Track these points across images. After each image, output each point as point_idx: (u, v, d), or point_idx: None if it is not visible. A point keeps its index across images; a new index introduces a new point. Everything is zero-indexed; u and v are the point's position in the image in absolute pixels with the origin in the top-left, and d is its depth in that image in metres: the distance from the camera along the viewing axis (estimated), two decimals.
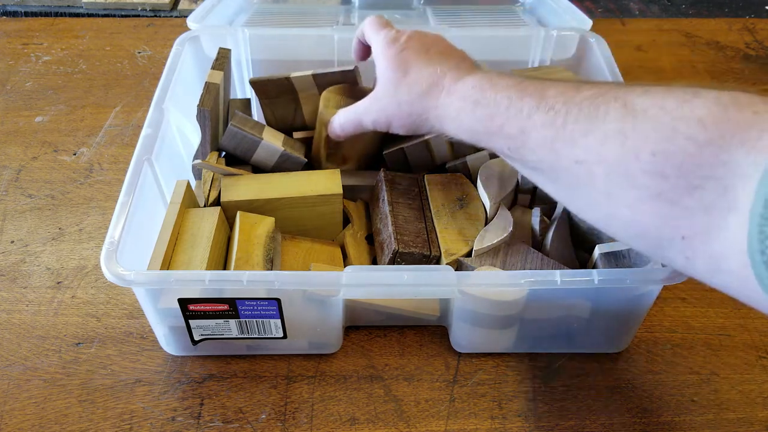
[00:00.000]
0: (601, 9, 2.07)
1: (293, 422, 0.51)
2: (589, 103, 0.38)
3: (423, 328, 0.57)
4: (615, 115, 0.36)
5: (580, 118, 0.38)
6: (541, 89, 0.42)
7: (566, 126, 0.39)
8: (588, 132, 0.37)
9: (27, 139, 0.77)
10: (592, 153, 0.37)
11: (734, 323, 0.59)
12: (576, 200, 0.42)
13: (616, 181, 0.36)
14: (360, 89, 0.63)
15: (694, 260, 0.35)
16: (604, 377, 0.54)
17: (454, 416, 0.51)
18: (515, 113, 0.42)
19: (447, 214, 0.56)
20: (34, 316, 0.58)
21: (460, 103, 0.46)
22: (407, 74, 0.50)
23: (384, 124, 0.52)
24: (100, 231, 0.66)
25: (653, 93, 0.36)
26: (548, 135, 0.40)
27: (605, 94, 0.38)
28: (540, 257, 0.53)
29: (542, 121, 0.40)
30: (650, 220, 0.36)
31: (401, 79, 0.50)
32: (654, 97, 0.36)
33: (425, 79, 0.49)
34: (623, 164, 0.35)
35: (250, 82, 0.64)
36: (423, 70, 0.49)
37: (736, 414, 0.52)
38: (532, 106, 0.41)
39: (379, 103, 0.52)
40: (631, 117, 0.36)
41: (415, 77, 0.49)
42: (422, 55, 0.50)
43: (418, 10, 0.82)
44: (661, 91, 0.36)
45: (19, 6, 1.78)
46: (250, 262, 0.51)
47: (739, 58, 0.93)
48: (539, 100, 0.41)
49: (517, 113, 0.42)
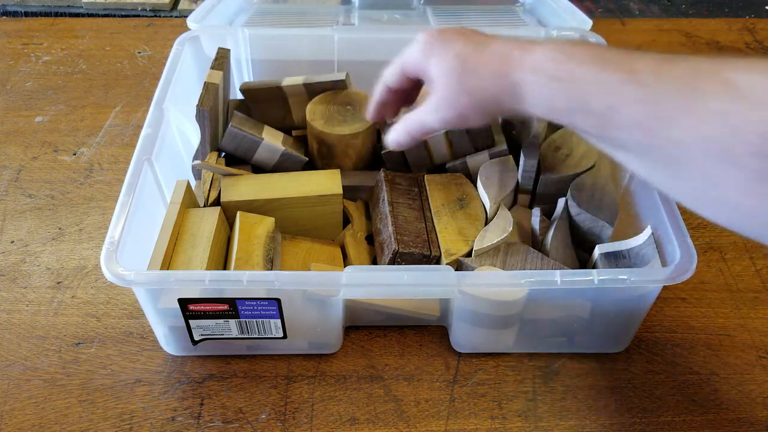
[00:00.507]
0: (601, 9, 2.07)
1: (293, 422, 0.51)
2: (685, 79, 0.36)
3: (423, 328, 0.57)
4: (716, 93, 0.34)
5: (677, 95, 0.36)
6: (627, 61, 0.39)
7: (660, 102, 0.36)
8: (687, 110, 0.35)
9: (27, 139, 0.77)
10: (692, 132, 0.35)
11: (734, 323, 0.59)
12: (671, 181, 0.39)
13: (719, 163, 0.35)
14: (346, 93, 0.63)
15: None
16: (604, 377, 0.54)
17: (454, 416, 0.51)
18: (601, 88, 0.39)
19: (447, 214, 0.56)
20: (34, 316, 0.58)
21: (535, 78, 0.42)
22: (466, 61, 0.46)
23: (456, 119, 0.47)
24: (100, 231, 0.66)
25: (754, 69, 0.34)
26: (641, 112, 0.37)
27: (701, 70, 0.36)
28: (540, 257, 0.53)
29: (633, 96, 0.37)
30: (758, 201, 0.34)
31: (462, 67, 0.45)
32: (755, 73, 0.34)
33: (490, 60, 0.45)
34: (727, 145, 0.34)
35: (241, 89, 0.64)
36: (483, 53, 0.45)
37: (736, 414, 0.52)
38: (621, 79, 0.38)
39: (446, 101, 0.47)
40: (734, 96, 0.34)
41: (477, 61, 0.45)
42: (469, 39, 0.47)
43: (418, 10, 0.82)
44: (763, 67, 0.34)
45: (19, 6, 1.78)
46: (250, 262, 0.51)
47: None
48: (627, 74, 0.38)
49: (603, 88, 0.39)
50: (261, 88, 0.63)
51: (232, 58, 0.66)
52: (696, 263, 0.47)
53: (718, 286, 0.61)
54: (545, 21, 0.78)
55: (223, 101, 0.63)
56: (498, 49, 0.45)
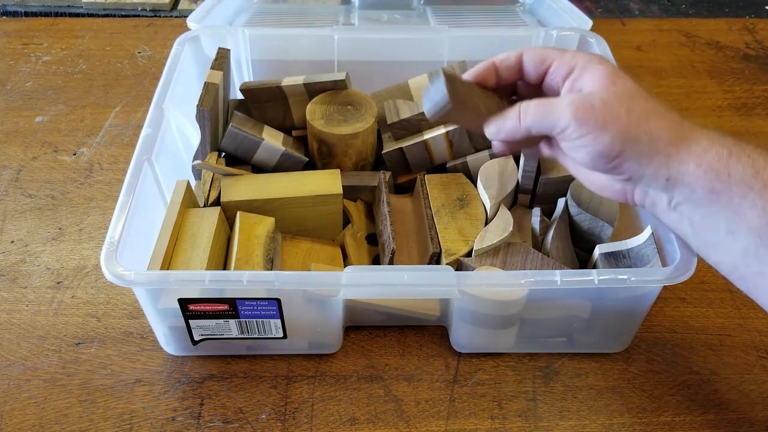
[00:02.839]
0: (601, 9, 2.07)
1: (293, 422, 0.51)
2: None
3: (423, 328, 0.57)
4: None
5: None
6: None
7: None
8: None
9: (27, 139, 0.77)
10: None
11: (734, 323, 0.59)
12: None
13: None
14: (346, 93, 0.63)
15: None
16: (604, 377, 0.54)
17: (454, 416, 0.51)
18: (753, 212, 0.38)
19: (447, 214, 0.56)
20: (34, 316, 0.58)
21: (709, 140, 0.40)
22: (635, 101, 0.41)
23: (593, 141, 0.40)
24: (100, 231, 0.66)
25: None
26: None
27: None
28: (540, 257, 0.53)
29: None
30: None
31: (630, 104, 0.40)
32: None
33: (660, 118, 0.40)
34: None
35: (241, 89, 0.64)
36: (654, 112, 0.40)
37: (736, 414, 0.52)
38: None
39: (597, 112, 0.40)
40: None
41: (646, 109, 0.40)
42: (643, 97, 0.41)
43: (418, 10, 0.82)
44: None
45: (19, 6, 1.78)
46: (250, 262, 0.51)
47: (739, 58, 0.93)
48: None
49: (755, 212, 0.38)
50: (261, 87, 0.63)
51: (232, 58, 0.66)
52: (696, 263, 0.47)
53: (718, 286, 0.61)
54: (545, 21, 0.78)
55: (223, 101, 0.63)
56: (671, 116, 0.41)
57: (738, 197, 0.39)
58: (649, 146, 0.40)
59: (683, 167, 0.40)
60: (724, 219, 0.40)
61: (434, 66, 0.67)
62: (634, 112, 0.40)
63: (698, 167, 0.39)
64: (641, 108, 0.40)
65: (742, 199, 0.38)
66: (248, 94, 0.64)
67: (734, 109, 0.84)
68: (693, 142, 0.40)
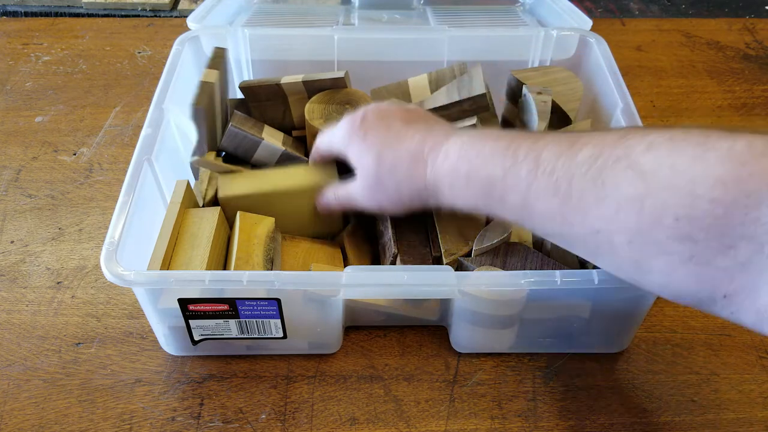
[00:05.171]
0: (601, 9, 2.07)
1: (293, 422, 0.51)
2: (590, 166, 0.36)
3: (423, 328, 0.57)
4: (624, 180, 0.34)
5: (587, 185, 0.36)
6: (534, 150, 0.38)
7: (572, 194, 0.36)
8: (599, 200, 0.35)
9: (27, 139, 0.77)
10: (609, 222, 0.35)
11: (734, 323, 0.58)
12: (600, 264, 0.40)
13: (641, 249, 0.34)
14: (345, 92, 0.63)
15: (739, 314, 0.34)
16: (604, 377, 0.54)
17: (454, 416, 0.51)
18: (513, 183, 0.39)
19: (447, 214, 0.56)
20: (34, 316, 0.58)
21: (449, 179, 0.43)
22: (381, 157, 0.46)
23: (376, 207, 0.50)
24: (100, 231, 0.66)
25: (657, 148, 0.34)
26: (554, 205, 0.37)
27: (605, 154, 0.35)
28: (540, 257, 0.53)
29: (545, 190, 0.37)
30: (686, 282, 0.34)
31: (378, 165, 0.46)
32: (659, 153, 0.33)
33: (404, 158, 0.45)
34: (646, 231, 0.34)
35: (240, 87, 0.64)
36: (398, 148, 0.46)
37: (736, 414, 0.52)
38: (530, 172, 0.38)
39: (366, 191, 0.49)
40: (642, 181, 0.33)
41: (392, 159, 0.46)
42: (387, 131, 0.47)
43: (418, 10, 0.82)
44: (665, 144, 0.34)
45: (19, 6, 1.78)
46: (250, 262, 0.51)
47: (739, 58, 0.93)
48: (535, 164, 0.38)
49: (515, 183, 0.39)
50: (260, 85, 0.63)
51: (232, 59, 0.66)
52: None
53: None
54: (545, 21, 0.78)
55: (221, 100, 0.63)
56: (410, 148, 0.46)
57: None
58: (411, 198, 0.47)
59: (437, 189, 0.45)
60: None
61: (434, 66, 0.67)
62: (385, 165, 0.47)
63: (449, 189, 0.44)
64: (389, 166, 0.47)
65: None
66: (247, 91, 0.64)
67: (734, 109, 0.84)
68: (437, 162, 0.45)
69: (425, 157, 0.45)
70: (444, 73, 0.66)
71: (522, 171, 0.39)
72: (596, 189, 0.35)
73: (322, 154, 0.55)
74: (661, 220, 0.33)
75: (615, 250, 0.36)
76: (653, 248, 0.34)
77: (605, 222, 0.35)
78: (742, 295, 0.32)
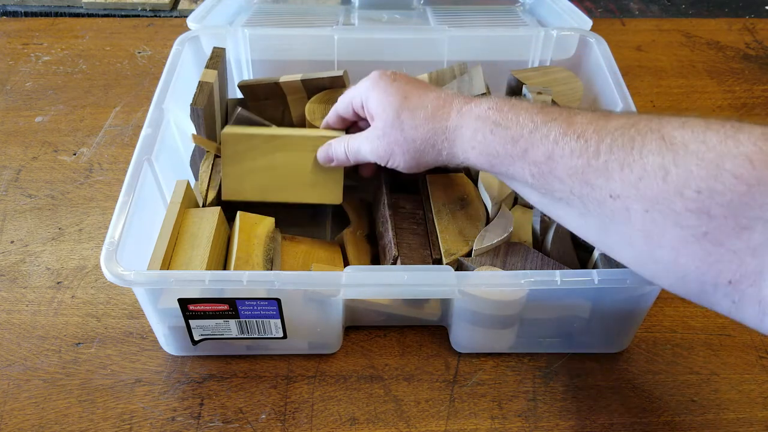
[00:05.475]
0: (601, 9, 2.07)
1: (293, 422, 0.51)
2: (623, 133, 0.36)
3: (423, 328, 0.57)
4: (653, 149, 0.34)
5: (615, 149, 0.36)
6: (567, 115, 0.39)
7: (599, 156, 0.36)
8: (625, 164, 0.35)
9: (27, 139, 0.77)
10: (630, 188, 0.35)
11: (734, 323, 0.58)
12: (608, 237, 0.39)
13: (656, 219, 0.34)
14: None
15: (741, 305, 0.33)
16: (604, 377, 0.54)
17: (454, 416, 0.51)
18: (541, 137, 0.39)
19: (447, 214, 0.56)
20: (34, 316, 0.58)
21: (476, 123, 0.43)
22: (407, 98, 0.47)
23: (384, 153, 0.49)
24: (100, 231, 0.66)
25: (692, 125, 0.34)
26: (579, 164, 0.37)
27: (638, 125, 0.36)
28: (540, 257, 0.53)
29: (572, 147, 0.38)
30: (693, 262, 0.34)
31: (402, 103, 0.47)
32: (694, 130, 0.34)
33: (430, 101, 0.46)
34: (665, 201, 0.34)
35: (239, 86, 0.64)
36: (425, 94, 0.46)
37: (736, 414, 0.52)
38: (560, 131, 0.38)
39: (379, 131, 0.48)
40: (672, 151, 0.34)
41: (417, 100, 0.46)
42: (417, 83, 0.48)
43: (418, 10, 0.82)
44: (700, 124, 0.34)
45: (19, 6, 1.78)
46: (250, 262, 0.51)
47: (739, 58, 0.93)
48: (567, 126, 0.38)
49: (543, 137, 0.39)
50: (259, 84, 0.63)
51: (232, 59, 0.66)
52: None
53: None
54: (545, 21, 0.78)
55: (220, 100, 0.63)
56: (439, 94, 0.46)
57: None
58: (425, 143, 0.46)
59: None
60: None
61: (434, 66, 0.67)
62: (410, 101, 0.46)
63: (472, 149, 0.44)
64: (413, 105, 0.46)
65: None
66: (246, 90, 0.64)
67: (734, 109, 0.84)
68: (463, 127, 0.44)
69: (452, 102, 0.45)
70: (444, 73, 0.66)
71: (552, 128, 0.39)
72: (624, 153, 0.36)
73: (339, 111, 0.54)
74: (682, 191, 0.33)
75: (630, 219, 0.36)
76: (669, 219, 0.34)
77: (626, 187, 0.35)
78: (747, 282, 0.32)
